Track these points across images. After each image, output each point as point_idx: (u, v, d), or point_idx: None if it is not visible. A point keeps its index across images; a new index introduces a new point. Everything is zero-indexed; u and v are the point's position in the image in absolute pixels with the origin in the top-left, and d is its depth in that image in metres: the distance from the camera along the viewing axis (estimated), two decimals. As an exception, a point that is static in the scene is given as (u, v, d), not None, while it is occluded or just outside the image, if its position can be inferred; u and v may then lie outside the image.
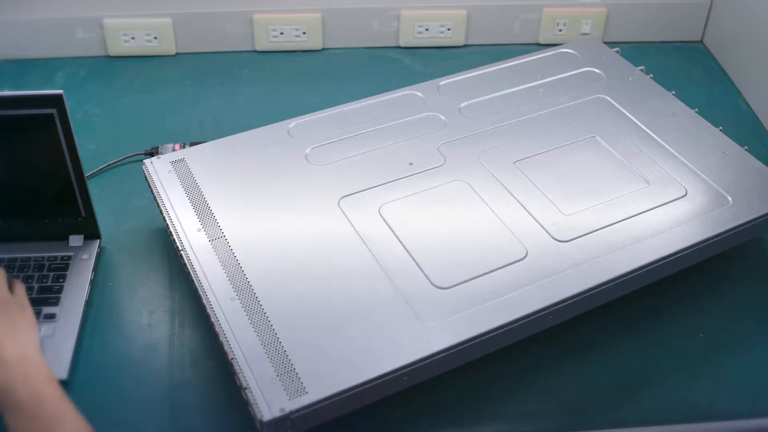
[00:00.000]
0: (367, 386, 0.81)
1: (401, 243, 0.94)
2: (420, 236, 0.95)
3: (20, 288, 0.98)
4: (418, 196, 1.01)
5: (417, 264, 0.92)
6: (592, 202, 1.01)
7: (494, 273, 0.91)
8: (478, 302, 0.88)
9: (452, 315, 0.87)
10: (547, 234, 0.96)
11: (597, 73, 1.25)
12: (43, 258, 1.05)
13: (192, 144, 1.23)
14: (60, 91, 0.94)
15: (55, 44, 1.50)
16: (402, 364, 0.82)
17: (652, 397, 0.93)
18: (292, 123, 1.13)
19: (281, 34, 1.49)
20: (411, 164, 1.06)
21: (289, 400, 0.78)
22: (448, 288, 0.89)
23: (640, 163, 1.07)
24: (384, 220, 0.97)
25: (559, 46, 1.32)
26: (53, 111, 0.95)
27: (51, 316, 0.99)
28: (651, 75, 1.25)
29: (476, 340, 0.85)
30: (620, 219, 0.98)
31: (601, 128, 1.13)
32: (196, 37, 1.50)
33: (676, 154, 1.08)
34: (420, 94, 1.20)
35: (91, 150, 1.26)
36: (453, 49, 1.54)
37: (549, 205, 1.00)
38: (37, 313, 0.98)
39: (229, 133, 1.14)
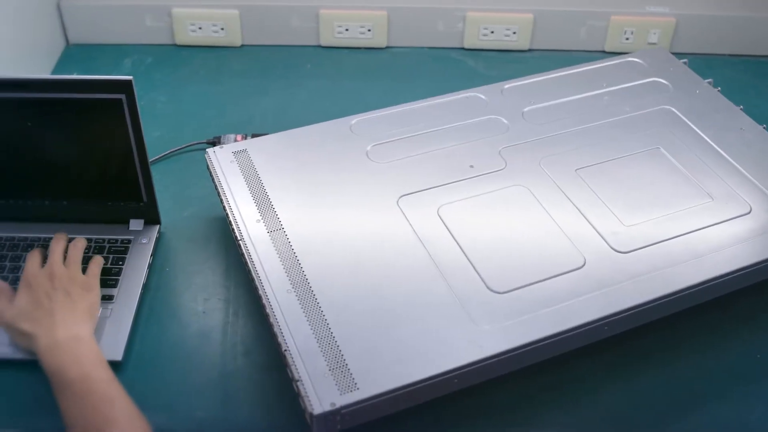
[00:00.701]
0: (417, 386, 0.81)
1: (458, 245, 0.94)
2: (478, 239, 0.95)
3: (95, 266, 1.00)
4: (478, 199, 1.01)
5: (473, 267, 0.92)
6: (654, 214, 0.99)
7: (551, 280, 0.91)
8: (534, 309, 0.87)
9: (507, 320, 0.86)
10: (606, 244, 0.95)
11: (663, 83, 1.23)
12: (103, 240, 1.07)
13: (254, 135, 1.25)
14: (129, 77, 0.96)
15: (125, 31, 1.52)
16: (454, 366, 0.82)
17: (704, 416, 0.91)
18: (354, 119, 1.14)
19: (346, 30, 1.49)
20: (471, 167, 1.06)
21: (340, 395, 0.78)
22: (503, 293, 0.89)
23: (704, 178, 1.05)
24: (442, 221, 0.97)
25: (625, 55, 1.30)
26: (122, 96, 0.97)
27: (109, 298, 1.00)
28: (719, 88, 1.23)
29: (529, 347, 0.85)
30: (681, 233, 0.97)
31: (665, 140, 1.11)
32: (262, 30, 1.51)
33: (741, 170, 1.06)
34: (483, 97, 1.19)
35: (155, 137, 1.27)
36: (517, 53, 1.53)
37: (609, 214, 0.99)
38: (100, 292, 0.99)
39: (291, 126, 1.14)
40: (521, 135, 1.12)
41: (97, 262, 1.01)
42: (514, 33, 1.50)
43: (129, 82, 0.96)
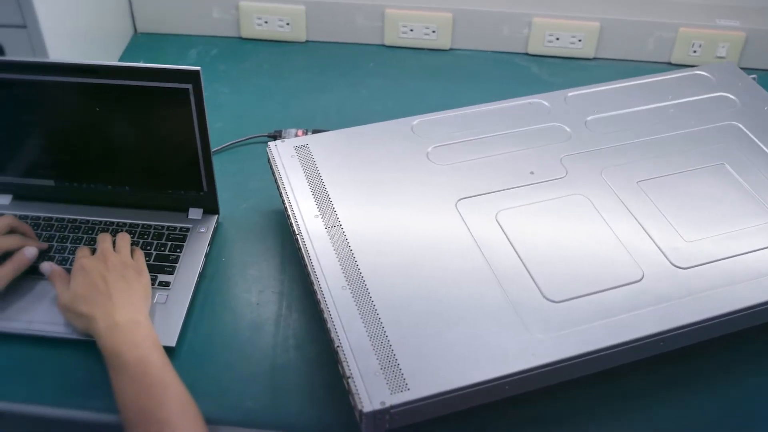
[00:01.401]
0: (468, 390, 0.80)
1: (515, 251, 0.94)
2: (535, 246, 0.94)
3: (140, 255, 1.02)
4: (537, 206, 1.00)
5: (530, 274, 0.91)
6: (716, 231, 0.98)
7: (607, 292, 0.90)
8: (589, 320, 0.86)
9: (561, 330, 0.85)
10: (665, 258, 0.94)
11: (731, 98, 1.21)
12: (162, 227, 1.08)
13: (314, 131, 1.25)
14: (197, 68, 0.97)
15: (192, 22, 1.54)
16: (506, 373, 0.82)
17: (760, 439, 0.90)
18: (416, 120, 1.14)
19: (411, 30, 1.49)
20: (532, 173, 1.05)
21: (391, 394, 0.78)
22: (559, 302, 0.88)
23: (769, 196, 1.03)
24: (500, 226, 0.97)
25: (693, 68, 1.28)
26: (189, 86, 0.98)
27: (165, 284, 1.01)
28: (789, 106, 1.20)
29: (583, 358, 0.84)
30: (744, 251, 0.95)
31: (731, 156, 1.09)
32: (327, 27, 1.52)
33: (809, 190, 1.04)
34: (546, 104, 1.18)
35: (217, 128, 1.29)
36: (582, 61, 1.51)
37: (670, 229, 0.98)
38: (153, 280, 1.01)
39: (351, 124, 1.15)
40: (583, 144, 1.11)
41: (140, 252, 1.03)
42: (580, 41, 1.49)
43: (197, 72, 0.97)
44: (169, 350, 0.93)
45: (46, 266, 1.01)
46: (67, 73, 1.00)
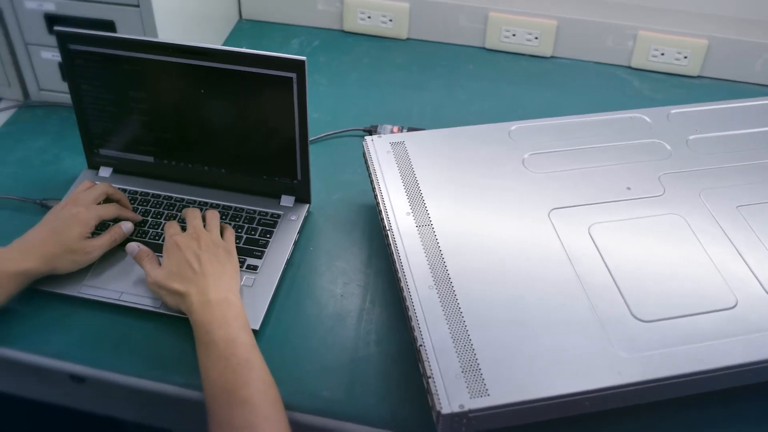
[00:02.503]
0: (548, 402, 0.80)
1: (606, 266, 0.92)
2: (627, 263, 0.93)
3: (230, 234, 1.03)
4: (631, 223, 0.98)
5: (619, 290, 0.90)
6: (817, 263, 0.95)
7: (698, 316, 0.88)
8: (678, 343, 0.84)
9: (648, 350, 0.84)
10: (761, 287, 0.91)
11: (842, 128, 1.17)
12: (254, 212, 1.10)
13: (410, 129, 1.26)
14: (303, 58, 0.98)
15: (296, 12, 1.56)
16: (587, 389, 0.80)
17: None
18: (514, 126, 1.13)
19: (513, 35, 1.48)
20: (628, 189, 1.03)
21: (470, 398, 0.78)
22: (648, 321, 0.87)
23: None
24: (592, 239, 0.95)
25: (803, 94, 1.24)
26: (293, 75, 0.99)
27: (253, 268, 1.03)
28: None
29: (668, 381, 0.82)
30: None
31: (838, 188, 1.06)
32: (429, 26, 1.52)
33: None
34: (648, 119, 1.16)
35: (313, 118, 1.30)
36: (686, 78, 1.48)
37: (768, 257, 0.95)
38: (241, 263, 1.03)
39: (446, 124, 1.15)
40: (684, 163, 1.08)
41: (231, 231, 1.04)
42: (686, 57, 1.46)
43: (302, 62, 0.98)
44: (253, 333, 0.94)
45: (133, 246, 1.03)
46: (176, 54, 1.02)
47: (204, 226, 1.02)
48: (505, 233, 0.96)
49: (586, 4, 1.46)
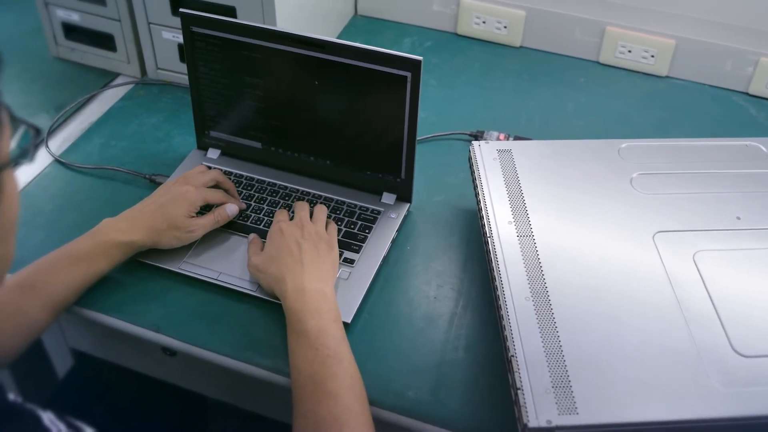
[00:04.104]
0: (637, 428, 0.78)
1: (709, 295, 0.90)
2: (731, 294, 0.90)
3: (333, 229, 1.05)
4: (739, 254, 0.95)
5: (721, 321, 0.87)
6: None
7: (803, 357, 0.85)
8: (778, 382, 0.82)
9: (746, 386, 0.81)
10: None
11: None
12: (355, 206, 1.11)
13: (516, 138, 1.25)
14: (419, 58, 0.98)
15: (411, 11, 1.57)
16: (679, 418, 0.79)
17: None
18: (624, 144, 1.11)
19: (629, 52, 1.46)
20: (738, 218, 1.00)
21: (558, 414, 0.77)
22: (748, 356, 0.84)
23: None
24: (696, 266, 0.93)
25: None
26: (408, 74, 1.00)
27: (350, 261, 1.04)
28: None
29: (763, 420, 0.80)
30: None
31: None
32: (543, 35, 1.51)
33: None
34: (764, 149, 1.13)
35: (420, 118, 1.27)
36: (806, 111, 1.43)
37: None
38: (339, 255, 1.03)
39: (553, 135, 1.14)
40: (799, 197, 1.05)
41: (335, 226, 1.05)
42: (808, 88, 1.41)
43: (418, 62, 0.98)
44: (344, 326, 0.95)
45: (251, 235, 1.06)
46: (295, 44, 1.04)
47: (311, 218, 1.04)
48: (607, 252, 0.95)
49: (707, 25, 1.42)
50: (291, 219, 1.04)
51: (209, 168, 1.13)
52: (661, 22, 1.44)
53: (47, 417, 0.59)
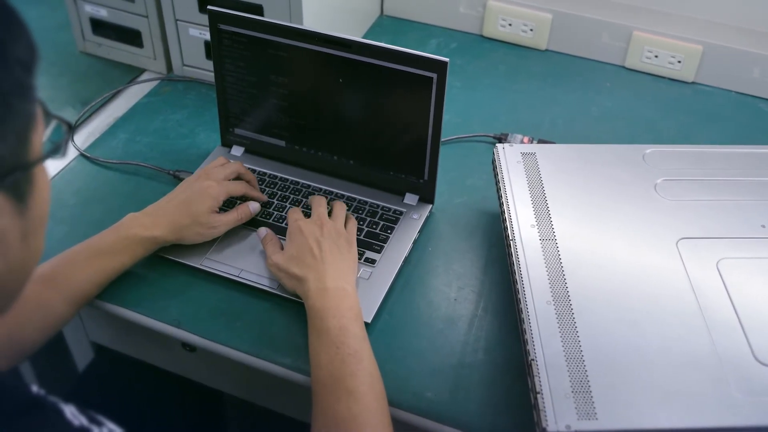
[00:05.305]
0: (656, 434, 0.78)
1: (732, 303, 0.89)
2: (755, 303, 0.89)
3: (352, 225, 1.04)
4: (763, 262, 0.95)
5: (743, 330, 0.87)
6: None
7: (826, 368, 0.84)
8: (800, 392, 0.81)
9: (767, 395, 0.81)
10: None
11: None
12: (378, 206, 1.11)
13: (540, 141, 1.25)
14: (446, 59, 0.98)
15: (437, 12, 1.56)
16: (698, 426, 0.78)
17: None
18: (648, 149, 1.10)
19: (656, 57, 1.45)
20: (763, 227, 0.99)
21: (578, 419, 0.77)
22: (770, 366, 0.84)
23: None
24: (720, 274, 0.92)
25: None
26: (434, 75, 1.00)
27: (371, 261, 1.04)
28: None
29: (785, 430, 0.79)
30: None
31: None
32: (569, 39, 1.50)
33: None
34: (790, 157, 1.12)
35: (444, 119, 1.29)
36: (833, 119, 1.42)
37: None
38: (360, 255, 1.04)
39: (577, 140, 1.13)
40: (826, 207, 1.04)
41: (354, 222, 1.05)
42: (836, 97, 1.40)
43: (445, 63, 0.98)
44: (364, 325, 0.95)
45: (263, 230, 1.06)
46: (321, 43, 1.04)
47: (329, 215, 1.04)
48: (630, 257, 0.94)
49: (734, 31, 1.41)
50: (306, 216, 1.04)
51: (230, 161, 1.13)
52: (689, 27, 1.43)
53: (69, 410, 0.59)
